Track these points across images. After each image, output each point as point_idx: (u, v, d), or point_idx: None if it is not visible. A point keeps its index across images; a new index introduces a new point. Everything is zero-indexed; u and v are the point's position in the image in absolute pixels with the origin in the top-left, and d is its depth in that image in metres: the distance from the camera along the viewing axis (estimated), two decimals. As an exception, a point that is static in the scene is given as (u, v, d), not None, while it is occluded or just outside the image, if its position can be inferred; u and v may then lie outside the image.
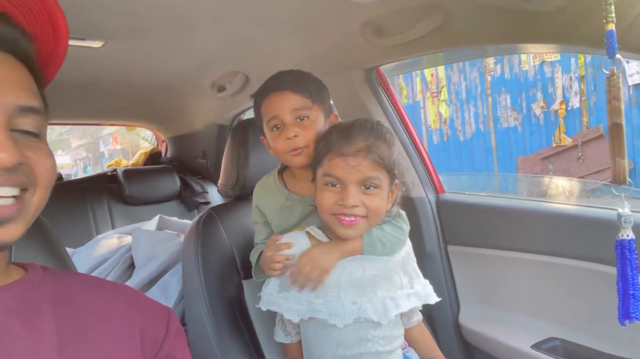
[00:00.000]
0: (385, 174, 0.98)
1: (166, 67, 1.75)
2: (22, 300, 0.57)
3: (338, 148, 0.96)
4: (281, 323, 1.14)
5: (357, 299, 1.00)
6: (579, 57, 5.93)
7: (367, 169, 0.95)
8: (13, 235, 0.54)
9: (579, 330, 1.29)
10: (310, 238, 1.06)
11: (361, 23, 1.30)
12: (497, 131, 6.75)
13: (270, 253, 1.05)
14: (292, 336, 1.13)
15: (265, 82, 1.15)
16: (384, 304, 1.00)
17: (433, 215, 1.65)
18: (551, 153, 6.23)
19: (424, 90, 7.54)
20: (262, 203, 1.19)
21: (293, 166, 1.14)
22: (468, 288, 1.60)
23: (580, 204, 1.37)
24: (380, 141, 0.98)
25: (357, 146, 0.95)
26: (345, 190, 0.95)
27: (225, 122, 2.43)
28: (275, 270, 1.04)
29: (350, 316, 0.99)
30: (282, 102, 1.09)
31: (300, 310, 1.02)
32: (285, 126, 1.09)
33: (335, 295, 1.01)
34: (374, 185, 0.97)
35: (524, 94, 6.46)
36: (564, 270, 1.31)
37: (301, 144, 1.08)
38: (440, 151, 7.32)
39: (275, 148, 1.12)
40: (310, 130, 1.08)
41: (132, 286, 1.65)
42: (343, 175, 0.95)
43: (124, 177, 2.50)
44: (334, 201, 0.97)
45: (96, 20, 1.19)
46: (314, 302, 1.01)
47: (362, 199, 0.96)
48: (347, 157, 0.95)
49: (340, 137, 0.97)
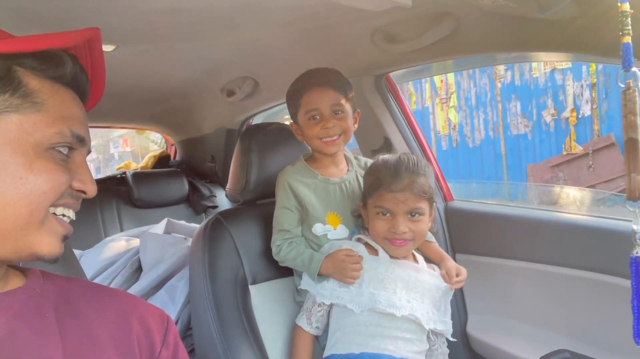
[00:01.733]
0: (427, 203, 1.16)
1: (176, 72, 1.76)
2: (27, 306, 0.58)
3: (387, 185, 1.14)
4: (307, 312, 1.24)
5: (410, 298, 1.15)
6: (591, 65, 5.88)
7: (412, 202, 1.13)
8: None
9: (589, 343, 1.27)
10: (366, 246, 1.21)
11: (371, 30, 1.30)
12: (507, 138, 6.71)
13: (350, 266, 1.17)
14: (312, 327, 1.23)
15: (307, 75, 1.31)
16: (428, 313, 1.16)
17: (442, 222, 1.64)
18: (561, 161, 6.18)
19: (433, 96, 7.52)
20: (294, 182, 1.30)
21: (324, 152, 1.30)
22: (476, 298, 1.58)
23: (591, 214, 1.35)
24: (421, 176, 1.15)
25: (403, 183, 1.13)
26: (395, 219, 1.13)
27: (234, 126, 2.44)
28: (354, 279, 1.16)
29: (405, 310, 1.13)
30: (323, 97, 1.26)
31: (362, 302, 1.15)
32: (323, 117, 1.26)
33: (392, 290, 1.15)
34: (419, 213, 1.14)
35: (535, 101, 6.41)
36: (575, 281, 1.29)
37: (338, 132, 1.26)
38: (449, 157, 7.29)
39: (310, 134, 1.28)
40: (344, 121, 1.27)
41: (139, 289, 1.66)
42: (393, 207, 1.14)
43: (133, 180, 2.52)
44: (386, 228, 1.15)
45: (108, 24, 1.20)
46: (376, 294, 1.14)
47: (409, 226, 1.14)
48: (395, 192, 1.13)
49: (388, 175, 1.15)
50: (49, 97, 0.56)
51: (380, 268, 1.17)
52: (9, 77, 0.54)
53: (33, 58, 0.56)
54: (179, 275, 1.67)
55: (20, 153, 0.53)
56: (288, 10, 1.17)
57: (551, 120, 6.28)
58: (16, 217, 0.53)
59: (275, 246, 1.28)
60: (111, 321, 0.63)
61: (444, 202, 1.68)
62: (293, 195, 1.29)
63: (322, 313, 1.22)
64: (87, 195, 0.60)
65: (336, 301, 1.17)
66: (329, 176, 1.33)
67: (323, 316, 1.23)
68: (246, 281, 1.33)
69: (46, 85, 0.57)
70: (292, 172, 1.32)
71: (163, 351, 0.67)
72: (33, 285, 0.61)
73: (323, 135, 1.26)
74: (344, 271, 1.17)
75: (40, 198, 0.54)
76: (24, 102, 0.54)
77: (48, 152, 0.55)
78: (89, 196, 0.60)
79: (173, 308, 1.57)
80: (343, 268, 1.17)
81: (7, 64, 0.54)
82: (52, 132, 0.55)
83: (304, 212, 1.30)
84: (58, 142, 0.56)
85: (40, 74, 0.56)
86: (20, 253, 0.56)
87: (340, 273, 1.18)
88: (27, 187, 0.53)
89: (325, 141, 1.26)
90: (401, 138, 1.67)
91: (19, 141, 0.53)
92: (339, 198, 1.32)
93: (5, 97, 0.53)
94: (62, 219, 0.59)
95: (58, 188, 0.56)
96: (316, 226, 1.29)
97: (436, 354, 1.24)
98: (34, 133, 0.54)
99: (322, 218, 1.30)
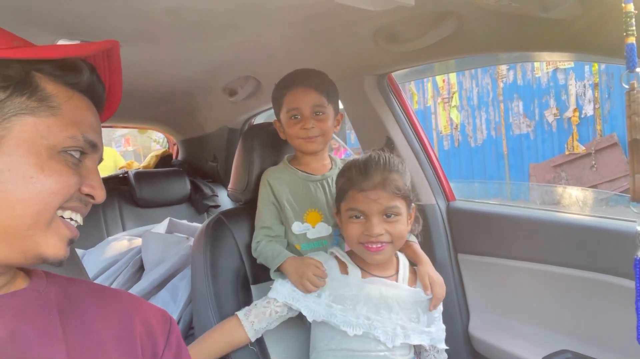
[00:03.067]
0: (403, 201, 1.09)
1: (179, 71, 1.76)
2: (31, 307, 0.58)
3: (358, 184, 1.08)
4: (253, 305, 1.16)
5: (371, 316, 1.09)
6: (593, 65, 5.86)
7: (386, 200, 1.06)
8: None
9: (592, 344, 1.27)
10: (337, 259, 1.17)
11: (374, 30, 1.30)
12: (509, 138, 6.70)
13: (311, 275, 1.13)
14: (248, 321, 1.14)
15: (292, 75, 1.32)
16: (394, 330, 1.09)
17: (443, 222, 1.64)
18: (564, 160, 6.16)
19: (435, 95, 7.51)
20: (273, 179, 1.33)
21: (304, 150, 1.32)
22: (478, 298, 1.58)
23: (594, 214, 1.35)
24: (394, 173, 1.09)
25: (374, 181, 1.07)
26: (370, 221, 1.07)
27: (236, 125, 2.44)
28: (307, 290, 1.13)
29: (360, 328, 1.08)
30: (304, 97, 1.28)
31: (317, 311, 1.11)
32: (303, 118, 1.28)
33: (351, 306, 1.09)
34: (394, 213, 1.08)
35: (537, 101, 6.40)
36: (577, 282, 1.29)
37: (316, 134, 1.28)
38: (451, 157, 7.28)
39: (291, 133, 1.30)
40: (323, 123, 1.29)
41: (141, 288, 1.66)
42: (365, 208, 1.07)
43: (135, 179, 2.52)
44: (360, 232, 1.08)
45: (110, 24, 1.20)
46: (333, 306, 1.10)
47: (385, 227, 1.07)
48: (367, 191, 1.07)
49: (358, 174, 1.09)
50: (64, 102, 0.58)
51: (345, 282, 1.12)
52: (27, 81, 0.55)
53: (51, 64, 0.57)
54: (181, 274, 1.67)
55: (33, 154, 0.54)
56: (290, 9, 1.17)
57: (553, 119, 6.26)
58: (24, 216, 0.54)
59: (256, 242, 1.29)
60: (114, 323, 0.64)
61: (446, 202, 1.68)
62: (272, 192, 1.32)
63: (268, 311, 1.14)
64: (95, 201, 0.61)
65: (291, 301, 1.12)
66: (310, 171, 1.34)
67: (265, 316, 1.14)
68: (248, 281, 1.33)
69: (62, 91, 0.58)
70: (273, 171, 1.36)
71: (166, 352, 0.67)
72: (37, 286, 0.61)
73: (302, 135, 1.28)
74: (303, 275, 1.13)
75: (49, 198, 0.55)
76: (40, 105, 0.56)
77: (60, 155, 0.56)
78: (97, 201, 0.61)
79: (175, 307, 1.57)
80: (304, 273, 1.13)
81: (26, 69, 0.55)
82: (66, 135, 0.57)
83: (281, 211, 1.32)
84: (70, 146, 0.57)
85: (57, 80, 0.58)
86: (26, 253, 0.56)
87: (300, 276, 1.14)
88: (36, 187, 0.54)
89: (305, 139, 1.28)
90: (403, 137, 1.67)
91: (33, 142, 0.54)
92: (320, 195, 1.33)
93: (22, 100, 0.54)
94: (70, 222, 0.59)
95: (67, 189, 0.56)
96: (294, 225, 1.31)
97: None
98: (47, 136, 0.55)
99: (300, 216, 1.31)
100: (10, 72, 0.54)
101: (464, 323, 1.58)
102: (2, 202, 0.53)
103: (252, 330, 1.14)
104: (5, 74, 0.53)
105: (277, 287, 1.16)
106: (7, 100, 0.53)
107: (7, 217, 0.53)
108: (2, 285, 0.58)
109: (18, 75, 0.54)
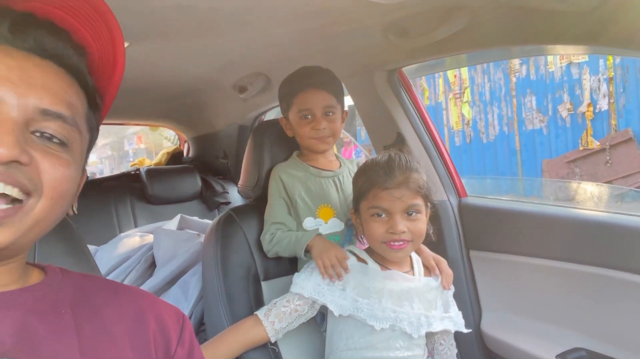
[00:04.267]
0: (423, 200, 1.13)
1: (189, 68, 1.77)
2: (43, 303, 0.58)
3: (381, 183, 1.10)
4: (272, 304, 1.16)
5: (397, 308, 1.10)
6: (608, 59, 5.77)
7: (409, 198, 1.09)
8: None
9: (606, 341, 1.25)
10: (356, 256, 1.18)
11: (385, 24, 1.29)
12: (522, 133, 6.63)
13: (333, 256, 1.14)
14: (268, 321, 1.13)
15: (301, 75, 1.33)
16: (418, 319, 1.11)
17: (455, 219, 1.62)
18: (578, 156, 6.08)
19: (446, 91, 7.45)
20: (285, 175, 1.33)
21: (315, 150, 1.34)
22: (491, 295, 1.57)
23: (609, 210, 1.32)
24: (414, 172, 1.12)
25: (398, 180, 1.09)
26: (393, 219, 1.09)
27: (246, 122, 2.44)
28: (331, 276, 1.13)
29: (387, 321, 1.09)
30: (317, 99, 1.29)
31: (344, 305, 1.11)
32: (315, 118, 1.29)
33: (377, 299, 1.11)
34: (416, 210, 1.11)
35: (550, 96, 6.32)
36: (591, 278, 1.27)
37: (328, 134, 1.30)
38: (463, 153, 7.22)
39: (302, 133, 1.31)
40: (335, 123, 1.32)
41: (153, 284, 1.67)
42: (389, 206, 1.09)
43: (146, 177, 2.54)
44: (383, 230, 1.10)
45: (121, 21, 1.21)
46: (359, 301, 1.10)
47: (407, 225, 1.09)
48: (391, 189, 1.09)
49: (381, 173, 1.11)
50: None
51: (367, 276, 1.13)
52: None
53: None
54: (192, 270, 1.68)
55: None
56: (300, 5, 1.17)
57: (567, 114, 6.18)
58: None
59: (269, 234, 1.28)
60: (128, 319, 0.63)
61: (458, 198, 1.66)
62: (284, 188, 1.32)
63: (288, 310, 1.14)
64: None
65: (316, 296, 1.12)
66: (320, 167, 1.36)
67: (286, 315, 1.13)
68: (258, 277, 1.34)
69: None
70: (284, 166, 1.36)
71: (178, 349, 0.66)
72: (51, 282, 0.61)
73: (314, 135, 1.30)
74: (327, 252, 1.14)
75: None
76: None
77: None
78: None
79: (186, 303, 1.58)
80: (328, 250, 1.14)
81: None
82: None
83: (293, 207, 1.32)
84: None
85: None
86: None
87: (323, 253, 1.14)
88: None
89: (316, 139, 1.30)
90: (414, 133, 1.65)
91: None
92: (332, 191, 1.34)
93: None
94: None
95: None
96: (306, 220, 1.31)
97: (446, 358, 1.22)
98: None
99: (313, 212, 1.31)
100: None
101: (476, 320, 1.57)
102: None
103: (272, 330, 1.14)
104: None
105: (300, 282, 1.14)
106: None
107: None
108: (15, 280, 0.58)
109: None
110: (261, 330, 1.13)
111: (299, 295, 1.14)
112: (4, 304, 0.54)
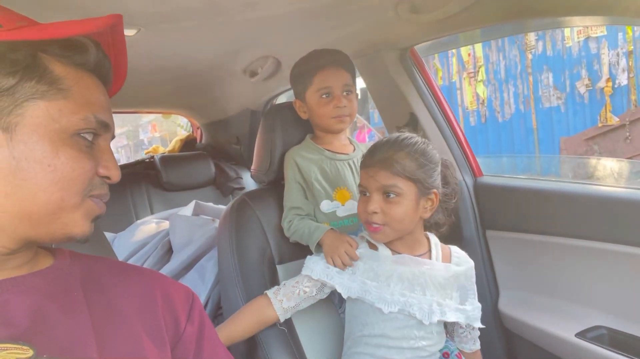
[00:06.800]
0: (408, 183, 1.04)
1: (198, 54, 1.76)
2: (55, 286, 0.59)
3: (364, 161, 1.11)
4: (282, 285, 1.17)
5: (407, 293, 1.08)
6: (627, 32, 5.60)
7: (383, 179, 1.04)
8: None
9: (627, 318, 1.23)
10: (367, 242, 1.16)
11: (396, 0, 1.26)
12: (539, 111, 6.50)
13: (342, 251, 1.13)
14: (276, 299, 1.14)
15: (317, 55, 1.33)
16: (430, 306, 1.07)
17: (471, 199, 1.61)
18: (596, 133, 5.96)
19: (460, 70, 7.32)
20: (299, 158, 1.32)
21: (333, 130, 1.33)
22: (508, 274, 1.55)
23: (629, 186, 1.29)
24: (401, 152, 1.05)
25: (375, 158, 1.07)
26: (370, 197, 1.06)
27: (257, 107, 2.43)
28: (337, 265, 1.13)
29: (395, 305, 1.07)
30: (336, 77, 1.29)
31: (351, 287, 1.10)
32: (335, 97, 1.29)
33: (385, 282, 1.09)
34: (395, 193, 1.04)
35: (568, 72, 6.17)
36: (610, 256, 1.25)
37: (347, 112, 1.30)
38: (478, 133, 7.12)
39: (322, 112, 1.30)
40: (353, 102, 1.32)
41: (170, 269, 1.69)
42: (366, 184, 1.08)
43: (161, 164, 2.56)
44: (362, 209, 1.09)
45: (129, 8, 1.20)
46: (367, 283, 1.09)
47: (382, 207, 1.05)
48: (367, 168, 1.08)
49: (368, 152, 1.11)
50: (74, 83, 0.57)
51: (378, 262, 1.11)
52: (35, 64, 0.54)
53: (57, 45, 0.56)
54: (208, 255, 1.70)
55: (46, 140, 0.54)
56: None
57: (585, 91, 6.04)
58: (48, 203, 0.55)
59: (287, 221, 1.30)
60: (136, 297, 0.65)
61: (473, 178, 1.64)
62: (299, 171, 1.31)
63: (297, 290, 1.14)
64: (111, 181, 0.61)
65: (325, 278, 1.12)
66: (334, 150, 1.35)
67: (294, 295, 1.14)
68: (273, 261, 1.34)
69: (71, 72, 0.57)
70: (299, 149, 1.35)
71: (188, 327, 0.68)
72: (61, 265, 0.62)
73: (334, 114, 1.29)
74: (336, 250, 1.14)
75: (68, 185, 0.55)
76: (50, 88, 0.55)
77: (73, 138, 0.56)
78: (113, 181, 0.61)
79: (203, 287, 1.60)
80: (337, 247, 1.14)
81: (33, 51, 0.54)
82: (78, 118, 0.56)
83: (309, 190, 1.31)
84: (83, 128, 0.57)
85: (64, 61, 0.57)
86: (53, 234, 0.57)
87: (333, 250, 1.14)
88: (55, 175, 0.54)
89: (336, 118, 1.29)
90: (427, 114, 1.63)
91: (45, 127, 0.54)
92: (348, 174, 1.33)
93: (32, 84, 0.54)
94: (99, 201, 0.61)
95: (85, 175, 0.57)
96: (323, 203, 1.30)
97: (466, 341, 1.21)
98: (59, 119, 0.55)
99: (330, 194, 1.31)
100: (18, 55, 0.53)
101: (494, 299, 1.56)
102: (24, 191, 0.53)
103: (280, 309, 1.15)
104: (12, 58, 0.52)
105: (310, 265, 1.15)
106: (18, 85, 0.53)
107: (31, 204, 0.54)
108: (24, 262, 0.59)
109: (26, 59, 0.53)
110: (272, 309, 1.15)
111: (308, 277, 1.15)
112: (18, 288, 0.55)
